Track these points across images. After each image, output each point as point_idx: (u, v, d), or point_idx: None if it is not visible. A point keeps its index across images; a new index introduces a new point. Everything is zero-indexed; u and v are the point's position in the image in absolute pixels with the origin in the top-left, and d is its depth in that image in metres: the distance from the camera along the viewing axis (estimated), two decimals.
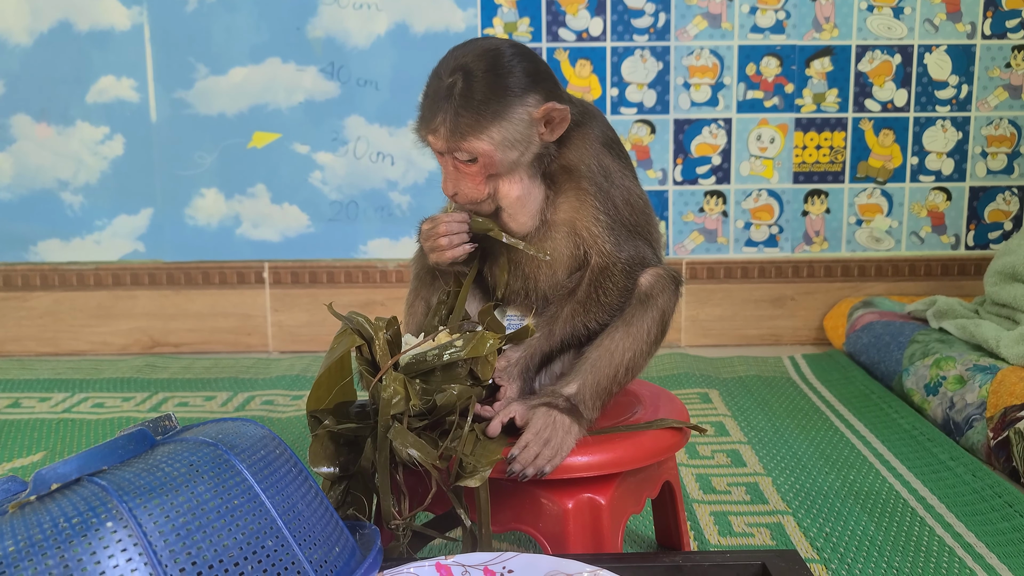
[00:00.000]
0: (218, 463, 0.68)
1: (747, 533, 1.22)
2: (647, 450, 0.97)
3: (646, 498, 1.04)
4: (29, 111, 2.21)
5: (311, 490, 0.75)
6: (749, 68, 2.24)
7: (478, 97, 0.95)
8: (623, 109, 2.25)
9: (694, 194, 2.29)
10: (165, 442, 0.73)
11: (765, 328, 2.32)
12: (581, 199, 1.02)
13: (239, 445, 0.72)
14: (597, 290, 1.02)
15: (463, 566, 0.80)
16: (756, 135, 2.27)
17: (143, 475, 0.65)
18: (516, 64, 0.97)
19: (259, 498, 0.69)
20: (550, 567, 0.79)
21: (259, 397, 1.87)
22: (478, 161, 0.98)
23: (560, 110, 0.98)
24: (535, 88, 0.98)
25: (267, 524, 0.67)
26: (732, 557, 0.85)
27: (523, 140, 0.98)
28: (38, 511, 0.62)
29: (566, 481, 0.94)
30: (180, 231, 2.25)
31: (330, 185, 2.25)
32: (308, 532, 0.70)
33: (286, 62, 2.19)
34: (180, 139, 2.22)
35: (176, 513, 0.63)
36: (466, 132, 0.96)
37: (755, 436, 1.60)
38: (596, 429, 0.99)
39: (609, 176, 1.04)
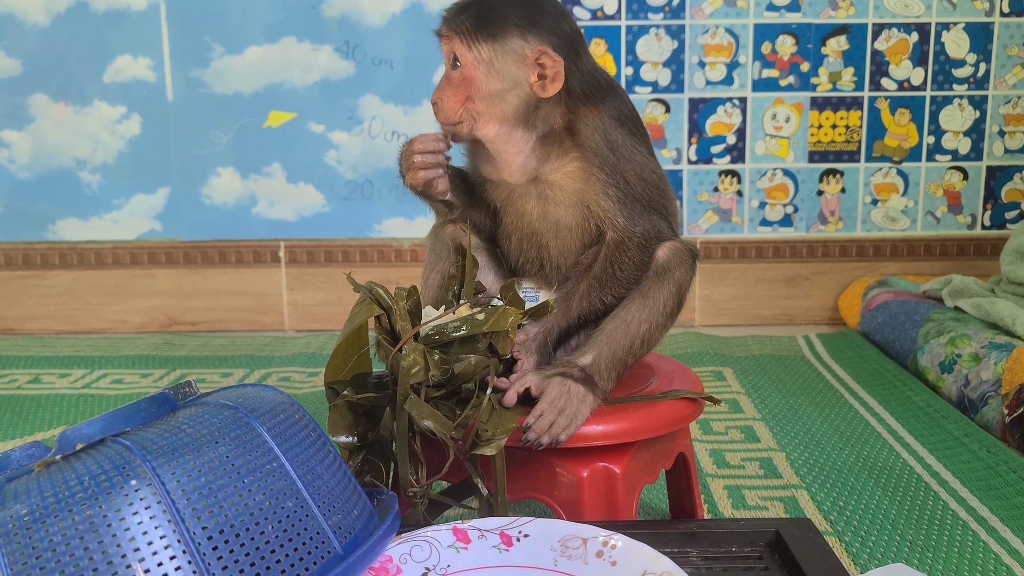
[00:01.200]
0: (239, 425, 0.69)
1: (761, 507, 1.22)
2: (662, 420, 0.97)
3: (660, 469, 1.04)
4: (47, 90, 2.22)
5: (329, 455, 0.76)
6: (764, 47, 2.23)
7: (484, 14, 0.97)
8: (638, 88, 2.24)
9: (708, 173, 2.29)
10: (186, 406, 0.74)
11: (779, 308, 2.32)
12: (587, 172, 1.01)
13: (259, 408, 0.73)
14: (613, 265, 1.02)
15: (479, 530, 0.81)
16: (771, 114, 2.26)
17: (165, 436, 0.66)
18: (543, 6, 0.98)
19: (279, 460, 0.69)
20: (566, 532, 0.80)
21: (276, 374, 1.89)
22: (461, 70, 0.98)
23: (554, 62, 0.96)
24: (545, 35, 0.97)
25: (287, 485, 0.68)
26: (746, 524, 0.86)
27: (510, 77, 0.98)
28: (63, 469, 0.64)
29: (581, 450, 0.95)
30: (196, 210, 2.27)
31: (345, 164, 2.26)
32: (327, 495, 0.71)
33: (301, 41, 2.20)
34: (196, 118, 2.23)
35: (198, 472, 0.64)
36: (460, 32, 0.97)
37: (769, 413, 1.60)
38: (611, 399, 1.00)
39: (617, 151, 1.01)
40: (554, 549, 0.79)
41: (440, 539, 0.80)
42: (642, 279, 1.04)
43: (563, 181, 1.02)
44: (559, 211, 1.04)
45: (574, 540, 0.79)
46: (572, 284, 1.04)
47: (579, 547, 0.78)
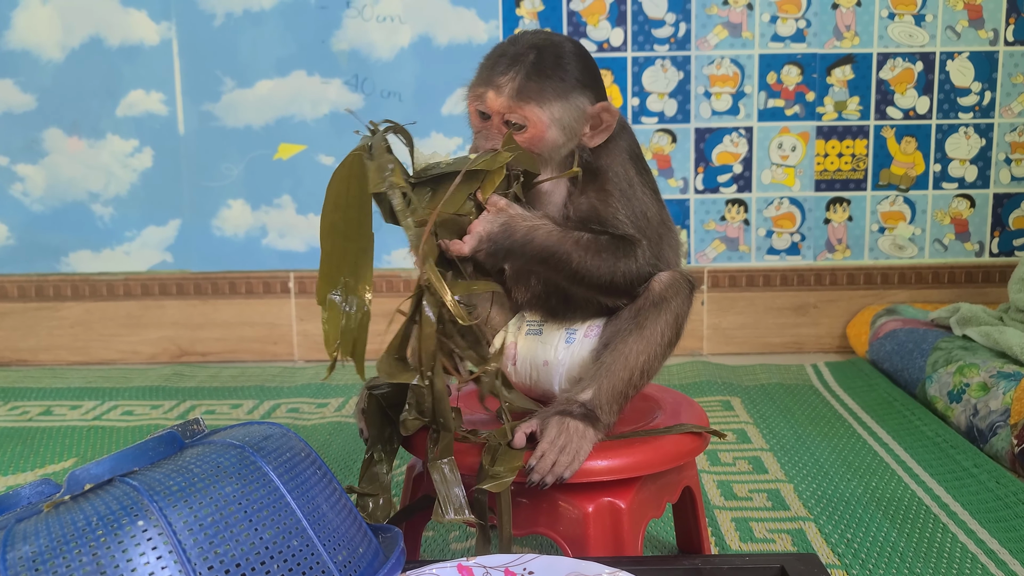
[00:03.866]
0: (245, 464, 0.70)
1: (768, 539, 1.22)
2: (667, 454, 0.98)
3: (666, 503, 1.05)
4: (61, 125, 2.26)
5: (335, 492, 0.77)
6: (770, 77, 2.24)
7: (548, 72, 0.99)
8: (644, 119, 2.26)
9: (715, 202, 2.30)
10: (193, 444, 0.75)
11: (788, 336, 2.32)
12: (603, 198, 1.04)
13: (265, 447, 0.74)
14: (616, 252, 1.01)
15: (484, 567, 0.81)
16: (777, 143, 2.27)
17: (173, 476, 0.67)
18: (584, 60, 1.02)
19: (284, 499, 0.70)
20: (570, 568, 0.80)
21: (285, 405, 1.90)
22: (527, 131, 0.99)
23: (612, 114, 1.02)
24: (594, 89, 1.02)
25: (292, 524, 0.69)
26: (751, 561, 0.86)
27: (571, 129, 1.01)
28: (72, 510, 0.64)
29: (586, 485, 0.95)
30: (207, 242, 2.29)
31: None
32: (332, 533, 0.72)
33: (311, 75, 2.23)
34: (207, 151, 2.26)
35: (204, 513, 0.65)
36: (530, 97, 0.98)
37: (777, 443, 1.60)
38: (616, 434, 1.00)
39: (632, 186, 1.05)
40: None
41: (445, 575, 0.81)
42: (635, 297, 1.04)
43: (584, 205, 1.05)
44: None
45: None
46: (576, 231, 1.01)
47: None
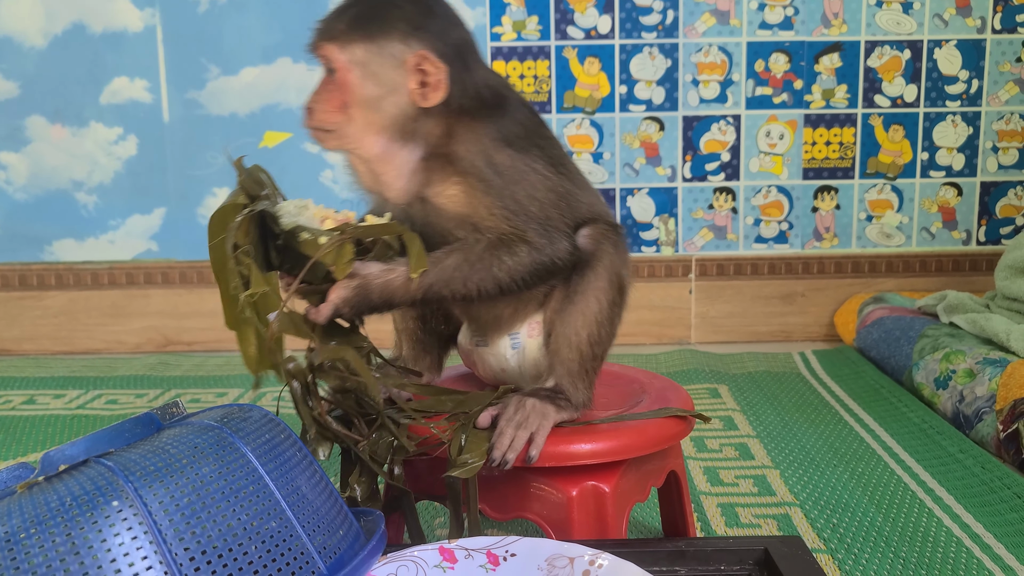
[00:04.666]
0: (222, 445, 0.69)
1: (754, 524, 1.22)
2: (652, 438, 0.97)
3: (651, 487, 1.04)
4: (44, 112, 2.23)
5: (315, 475, 0.76)
6: (758, 64, 2.24)
7: (367, 13, 0.91)
8: (632, 107, 2.25)
9: (703, 191, 2.29)
10: (171, 426, 0.74)
11: (775, 324, 2.32)
12: (471, 196, 0.94)
13: (244, 428, 0.73)
14: (493, 257, 0.94)
15: (466, 549, 0.81)
16: (765, 131, 2.27)
17: (149, 457, 0.66)
18: (432, 9, 0.93)
19: (263, 480, 0.69)
20: (552, 551, 0.80)
21: (271, 393, 1.88)
22: (336, 77, 0.92)
23: (436, 68, 0.91)
24: (429, 40, 0.92)
25: (271, 506, 0.68)
26: (735, 543, 0.86)
27: (387, 82, 0.91)
28: (45, 491, 0.63)
29: (570, 468, 0.95)
30: (193, 230, 2.27)
31: (341, 183, 2.27)
32: (312, 516, 0.71)
33: (296, 62, 2.21)
34: (192, 139, 2.24)
35: (181, 494, 0.64)
36: (333, 36, 0.91)
37: (764, 430, 1.60)
38: (600, 418, 1.00)
39: (503, 173, 0.94)
40: (541, 568, 0.79)
41: (427, 559, 0.80)
42: (559, 274, 0.98)
43: (447, 205, 0.95)
44: (446, 231, 0.97)
45: (561, 559, 0.79)
46: (443, 253, 0.94)
47: (566, 566, 0.78)
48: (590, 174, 2.27)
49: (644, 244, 2.30)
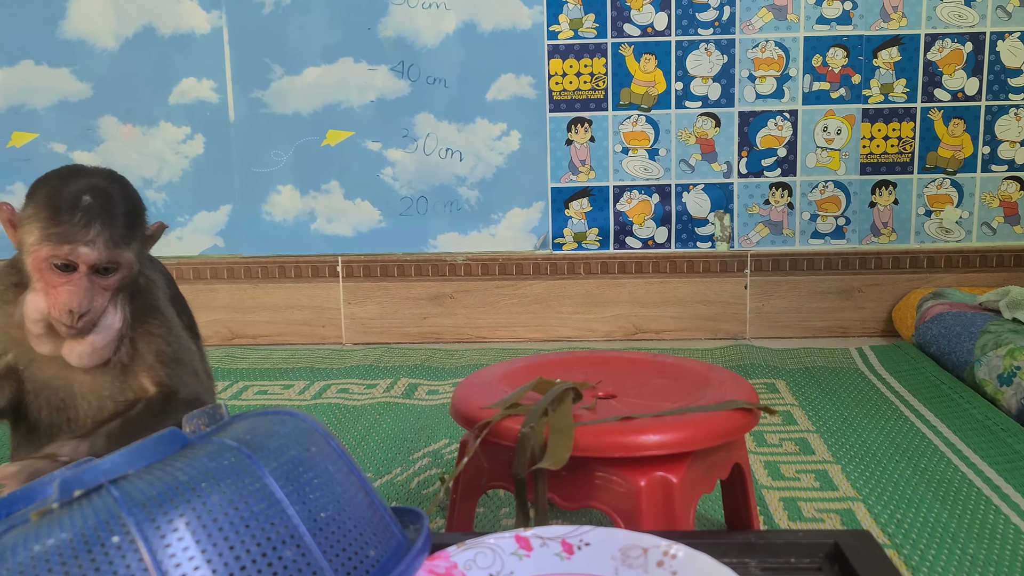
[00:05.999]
0: (238, 469, 0.67)
1: (817, 519, 1.23)
2: (719, 430, 0.99)
3: (716, 479, 1.06)
4: (115, 112, 2.31)
5: (351, 487, 0.72)
6: (815, 59, 2.23)
7: (122, 215, 1.01)
8: (688, 103, 2.26)
9: (759, 186, 2.29)
10: (195, 442, 0.72)
11: (832, 320, 2.31)
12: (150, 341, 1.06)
13: (266, 446, 0.70)
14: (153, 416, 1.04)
15: (541, 538, 0.84)
16: (822, 126, 2.26)
17: (157, 484, 0.64)
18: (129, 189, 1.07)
19: (279, 505, 0.66)
20: (626, 541, 0.82)
21: (335, 386, 1.93)
22: (118, 272, 1.01)
23: (161, 226, 1.10)
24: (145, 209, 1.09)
25: (287, 533, 0.65)
26: (805, 536, 0.87)
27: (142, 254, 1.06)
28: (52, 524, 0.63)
29: (639, 459, 0.97)
30: (257, 227, 2.34)
31: (400, 181, 2.31)
32: (338, 539, 0.68)
33: (358, 61, 2.26)
34: (257, 138, 2.30)
35: (185, 525, 0.61)
36: (120, 243, 1.00)
37: (823, 425, 1.60)
38: (666, 410, 1.02)
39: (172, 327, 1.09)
40: (615, 558, 0.81)
41: (503, 546, 0.83)
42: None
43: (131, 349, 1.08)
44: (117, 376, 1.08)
45: (634, 549, 0.81)
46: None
47: (639, 556, 0.80)
48: (645, 171, 2.29)
49: (699, 240, 2.31)
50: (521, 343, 2.33)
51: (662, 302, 2.32)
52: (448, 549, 0.81)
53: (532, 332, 2.35)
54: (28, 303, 1.02)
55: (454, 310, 2.34)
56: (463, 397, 1.10)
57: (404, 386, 1.92)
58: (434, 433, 1.61)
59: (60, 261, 0.98)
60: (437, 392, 1.87)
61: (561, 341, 2.33)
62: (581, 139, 2.29)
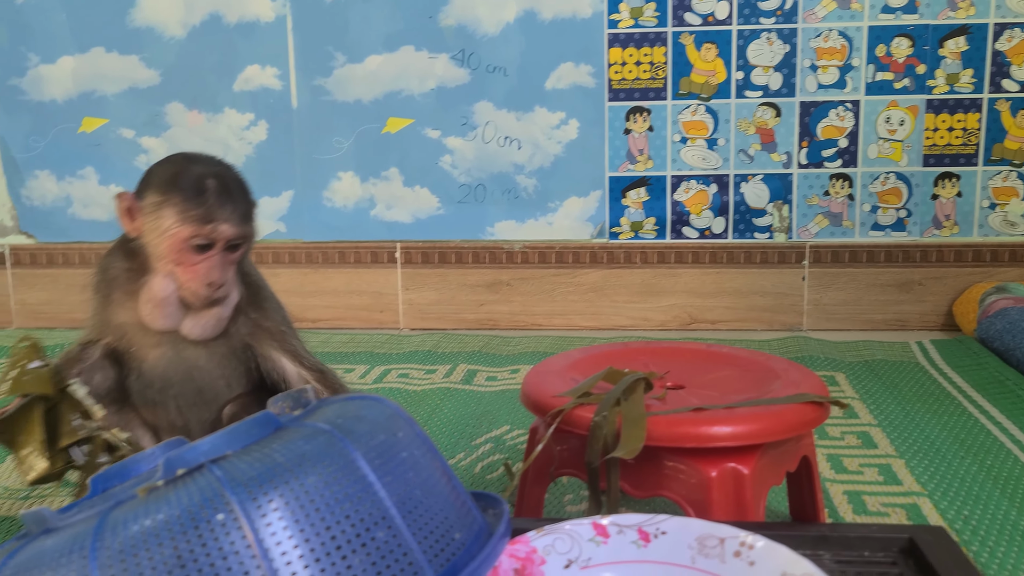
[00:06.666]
0: (331, 451, 0.68)
1: (882, 513, 1.23)
2: (790, 423, 1.00)
3: (785, 471, 1.07)
4: (182, 99, 2.36)
5: (436, 473, 0.74)
6: (879, 49, 2.20)
7: (244, 191, 1.10)
8: (748, 92, 2.25)
9: (819, 177, 2.27)
10: (288, 425, 0.74)
11: (891, 313, 2.29)
12: (266, 316, 1.14)
13: (356, 430, 0.71)
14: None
15: (618, 525, 0.85)
16: (885, 117, 2.23)
17: (256, 465, 0.66)
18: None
19: (372, 488, 0.68)
20: (703, 530, 0.83)
21: (395, 371, 1.97)
22: (242, 248, 1.09)
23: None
24: None
25: (379, 515, 0.67)
26: (879, 530, 0.88)
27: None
28: (159, 500, 0.65)
29: (710, 450, 0.98)
30: (318, 212, 2.38)
31: (459, 168, 2.34)
32: (426, 522, 0.69)
33: (419, 50, 2.28)
34: (319, 124, 2.34)
35: (284, 505, 0.63)
36: (248, 218, 1.08)
37: (885, 419, 1.60)
38: (736, 401, 1.03)
39: (273, 293, 1.18)
40: (691, 547, 0.83)
41: (581, 532, 0.85)
42: None
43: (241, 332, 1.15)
44: (224, 353, 1.15)
45: (711, 539, 0.82)
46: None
47: (716, 546, 0.82)
48: (704, 161, 2.28)
49: (757, 231, 2.30)
50: (576, 331, 2.34)
51: (718, 292, 2.32)
52: (528, 534, 0.83)
53: (587, 320, 2.36)
54: (154, 284, 1.07)
55: (510, 297, 2.36)
56: (534, 385, 1.12)
57: (463, 372, 1.94)
58: (495, 419, 1.64)
59: (202, 240, 1.04)
60: (496, 379, 1.90)
61: (616, 330, 2.34)
62: (639, 128, 2.29)
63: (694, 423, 0.98)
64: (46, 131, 2.40)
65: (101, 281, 1.13)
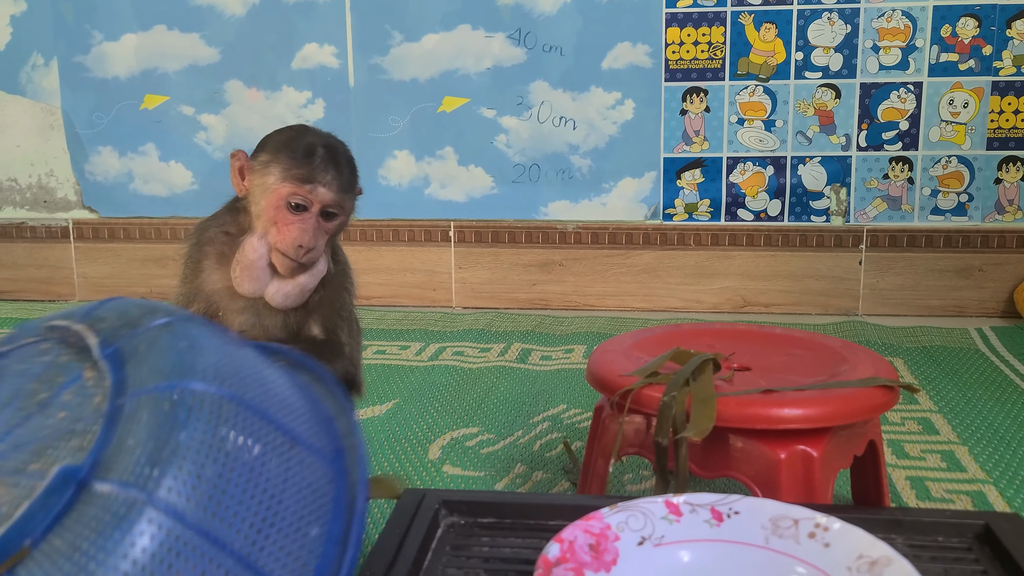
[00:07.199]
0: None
1: (946, 499, 1.22)
2: (862, 406, 0.99)
3: (852, 455, 1.07)
4: (241, 77, 2.39)
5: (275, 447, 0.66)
6: (944, 29, 2.16)
7: (350, 166, 1.10)
8: (807, 73, 2.22)
9: (878, 160, 2.24)
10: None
11: (949, 299, 2.26)
12: (338, 294, 1.14)
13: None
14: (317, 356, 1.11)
15: (691, 504, 0.86)
16: (948, 99, 2.19)
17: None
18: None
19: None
20: (776, 511, 0.84)
21: (449, 348, 1.99)
22: (338, 218, 1.09)
23: (361, 191, 1.15)
24: None
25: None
26: (953, 516, 0.87)
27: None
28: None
29: (779, 432, 0.98)
30: (373, 191, 2.40)
31: (514, 148, 2.34)
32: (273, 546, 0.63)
33: (476, 28, 2.28)
34: (375, 103, 2.36)
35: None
36: (348, 190, 1.08)
37: (946, 405, 1.58)
38: (805, 384, 1.03)
39: (353, 283, 1.18)
40: (764, 527, 0.83)
41: (654, 510, 0.86)
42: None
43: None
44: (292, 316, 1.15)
45: (785, 520, 0.83)
46: None
47: (790, 527, 0.82)
48: (760, 142, 2.26)
49: (814, 214, 2.28)
50: (628, 312, 2.34)
51: (772, 275, 2.30)
52: (602, 510, 0.84)
53: (639, 302, 2.36)
54: (247, 243, 1.10)
55: (563, 277, 2.37)
56: (600, 364, 1.12)
57: (517, 351, 1.96)
58: (551, 398, 1.65)
59: (299, 200, 1.06)
60: (550, 358, 1.91)
61: (668, 312, 2.34)
62: (696, 109, 2.27)
63: (764, 404, 0.98)
64: (109, 108, 2.45)
65: (195, 246, 1.16)
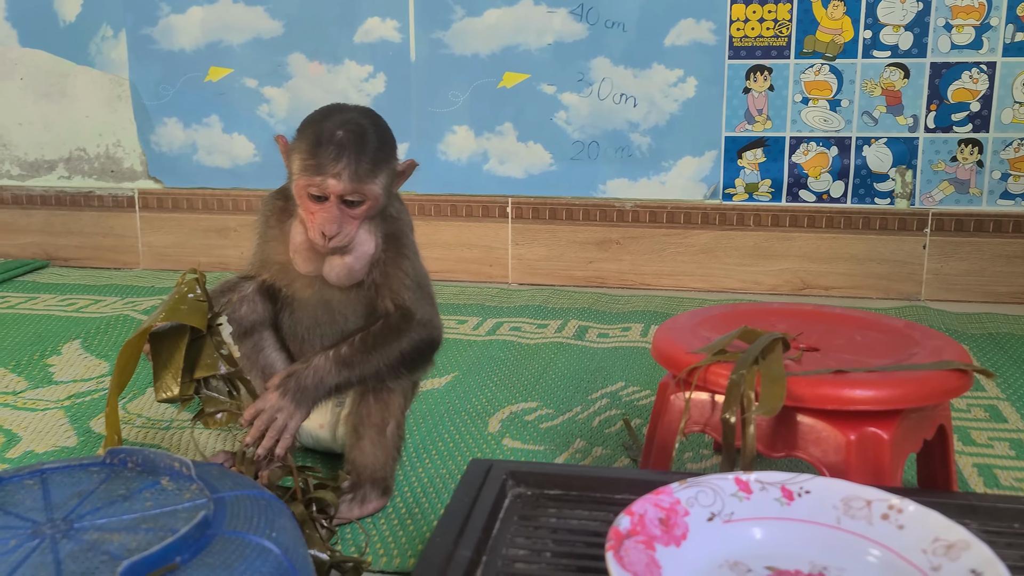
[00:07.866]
0: None
1: (1016, 488, 1.20)
2: (934, 389, 0.98)
3: (922, 439, 1.05)
4: (304, 50, 2.41)
5: None
6: (1020, 8, 2.10)
7: (371, 150, 1.07)
8: (876, 52, 2.17)
9: (947, 142, 2.19)
10: None
11: (1016, 285, 2.21)
12: (398, 263, 1.14)
13: None
14: (394, 329, 1.12)
15: (761, 482, 0.86)
16: (1022, 80, 2.13)
17: None
18: (383, 128, 1.13)
19: None
20: (848, 492, 0.83)
21: (506, 324, 1.99)
22: (365, 204, 1.08)
23: (412, 164, 1.17)
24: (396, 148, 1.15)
25: None
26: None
27: (389, 189, 1.13)
28: None
29: (850, 413, 0.97)
30: (433, 165, 2.41)
31: (573, 125, 2.33)
32: None
33: (537, 4, 2.27)
34: (436, 78, 2.36)
35: None
36: (364, 177, 1.06)
37: (1014, 394, 1.55)
38: (874, 365, 1.01)
39: (416, 252, 1.18)
40: (836, 508, 0.82)
41: (724, 487, 0.86)
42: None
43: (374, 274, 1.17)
44: (355, 293, 1.17)
45: (857, 500, 0.82)
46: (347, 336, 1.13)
47: (863, 508, 0.81)
48: (825, 122, 2.22)
49: (878, 196, 2.24)
50: (685, 292, 2.33)
51: (833, 258, 2.27)
52: (671, 485, 0.84)
53: (697, 282, 2.34)
54: (294, 227, 1.12)
55: (619, 256, 2.36)
56: (666, 341, 1.12)
57: (575, 328, 1.96)
58: (609, 375, 1.65)
59: (315, 191, 1.06)
60: (608, 336, 1.91)
61: (726, 292, 2.32)
62: (759, 87, 2.24)
63: (835, 385, 0.97)
64: (175, 80, 2.49)
65: (261, 218, 1.18)
